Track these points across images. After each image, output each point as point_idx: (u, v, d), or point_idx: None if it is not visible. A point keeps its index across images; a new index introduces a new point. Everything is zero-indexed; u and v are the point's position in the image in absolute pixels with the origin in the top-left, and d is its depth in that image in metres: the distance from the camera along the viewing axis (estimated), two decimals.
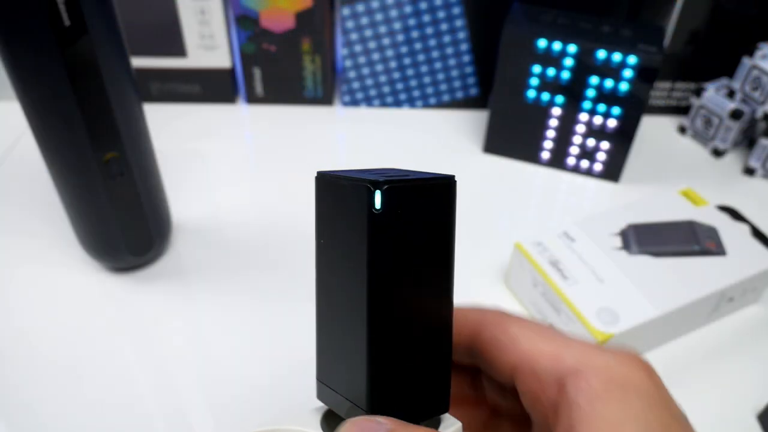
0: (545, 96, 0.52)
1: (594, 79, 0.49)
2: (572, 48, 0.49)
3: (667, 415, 0.19)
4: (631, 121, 0.50)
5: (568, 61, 0.49)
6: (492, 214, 0.51)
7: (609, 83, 0.49)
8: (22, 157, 0.54)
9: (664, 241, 0.42)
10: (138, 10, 0.54)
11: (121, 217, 0.40)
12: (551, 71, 0.50)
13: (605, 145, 0.52)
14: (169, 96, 0.60)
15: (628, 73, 0.48)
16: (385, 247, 0.19)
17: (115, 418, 0.36)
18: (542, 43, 0.49)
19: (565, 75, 0.50)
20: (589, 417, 0.18)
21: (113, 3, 0.34)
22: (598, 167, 0.54)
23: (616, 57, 0.48)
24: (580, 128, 0.52)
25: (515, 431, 0.24)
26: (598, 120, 0.51)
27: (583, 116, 0.52)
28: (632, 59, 0.47)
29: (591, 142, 0.53)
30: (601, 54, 0.48)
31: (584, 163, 0.54)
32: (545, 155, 0.55)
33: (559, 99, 0.51)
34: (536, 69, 0.51)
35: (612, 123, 0.51)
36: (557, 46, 0.49)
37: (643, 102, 0.49)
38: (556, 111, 0.52)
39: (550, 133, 0.53)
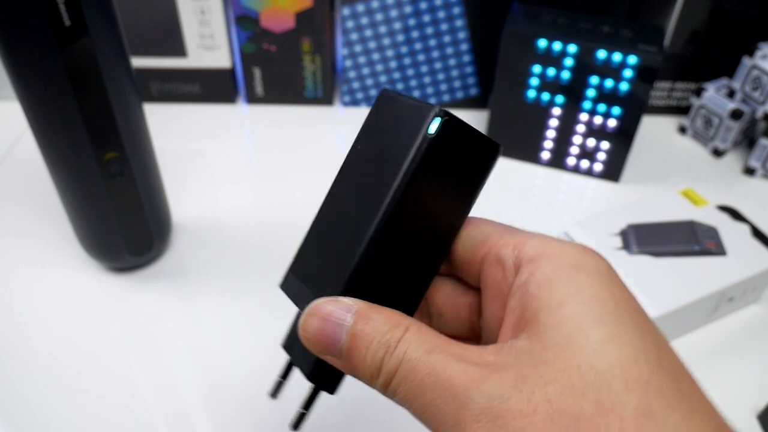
0: (545, 96, 0.52)
1: (594, 79, 0.49)
2: (572, 48, 0.49)
3: (618, 290, 0.19)
4: (631, 121, 0.50)
5: (568, 61, 0.49)
6: (492, 214, 0.51)
7: (609, 83, 0.49)
8: (22, 157, 0.54)
9: (664, 241, 0.42)
10: (138, 10, 0.54)
11: (121, 217, 0.40)
12: (551, 71, 0.50)
13: (605, 145, 0.52)
14: (169, 96, 0.60)
15: (628, 73, 0.48)
16: (422, 169, 0.20)
17: (115, 418, 0.36)
18: (542, 43, 0.49)
19: (565, 75, 0.50)
20: (537, 300, 0.19)
21: (113, 3, 0.34)
22: (598, 167, 0.54)
23: (616, 57, 0.48)
24: (580, 128, 0.52)
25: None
26: (598, 120, 0.51)
27: (583, 116, 0.52)
28: (632, 59, 0.47)
29: (591, 142, 0.53)
30: (601, 54, 0.48)
31: (584, 163, 0.54)
32: (545, 155, 0.55)
33: (559, 99, 0.51)
34: (536, 69, 0.50)
35: (612, 123, 0.51)
36: (557, 46, 0.49)
37: (643, 102, 0.49)
38: (556, 111, 0.52)
39: (550, 133, 0.53)
